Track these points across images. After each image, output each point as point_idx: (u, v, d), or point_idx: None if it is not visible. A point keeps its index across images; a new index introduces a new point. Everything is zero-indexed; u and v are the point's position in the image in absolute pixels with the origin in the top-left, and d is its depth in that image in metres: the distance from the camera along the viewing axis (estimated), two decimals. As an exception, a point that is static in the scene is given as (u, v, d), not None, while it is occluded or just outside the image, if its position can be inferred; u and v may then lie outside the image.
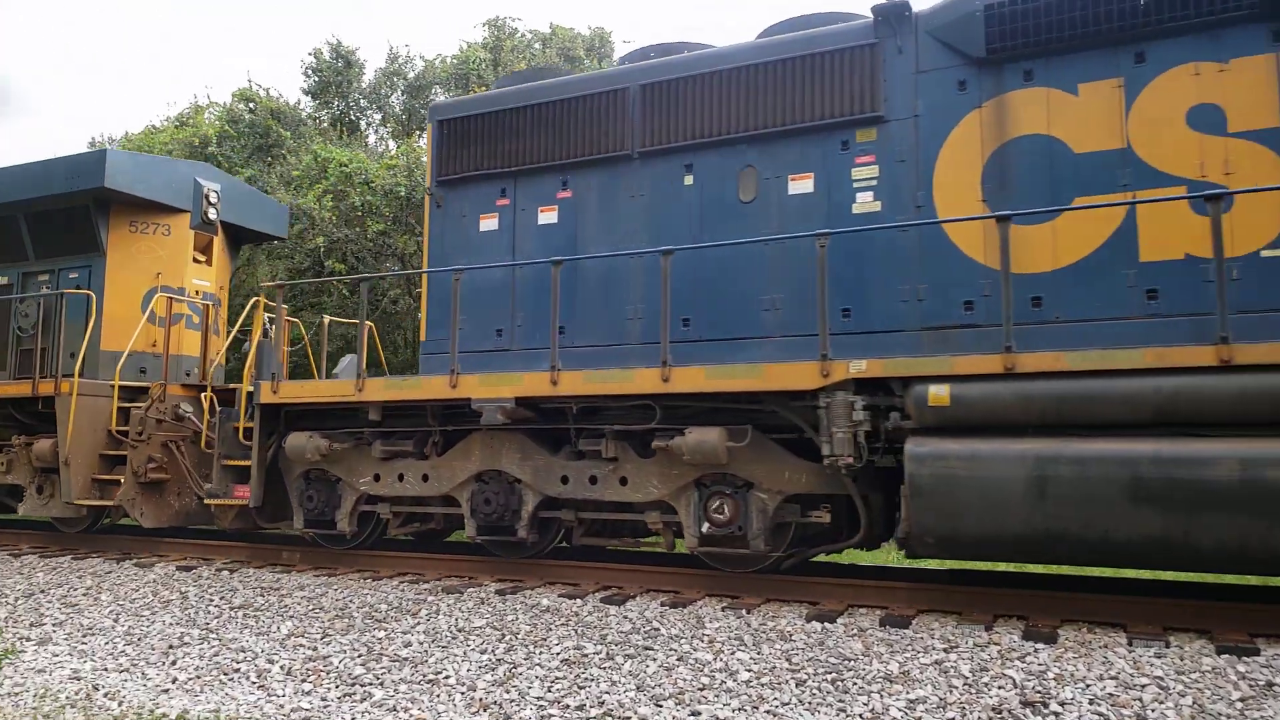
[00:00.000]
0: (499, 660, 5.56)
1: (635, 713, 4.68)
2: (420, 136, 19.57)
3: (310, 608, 7.00)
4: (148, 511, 9.49)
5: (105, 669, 6.23)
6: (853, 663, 5.04)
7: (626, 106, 7.76)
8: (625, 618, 6.09)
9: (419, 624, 6.38)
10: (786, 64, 7.15)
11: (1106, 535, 5.40)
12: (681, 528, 6.94)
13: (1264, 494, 5.00)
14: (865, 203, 6.81)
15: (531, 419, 7.43)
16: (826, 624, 5.75)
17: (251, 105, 20.99)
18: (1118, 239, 6.00)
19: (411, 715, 4.99)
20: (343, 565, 8.28)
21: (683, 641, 5.58)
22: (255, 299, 9.26)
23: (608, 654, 5.48)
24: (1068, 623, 5.69)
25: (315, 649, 6.11)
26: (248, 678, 5.76)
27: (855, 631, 5.60)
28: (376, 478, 8.10)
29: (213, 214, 11.17)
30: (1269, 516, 5.00)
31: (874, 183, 6.80)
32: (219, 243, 11.45)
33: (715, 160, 7.41)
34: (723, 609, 6.24)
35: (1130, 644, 5.15)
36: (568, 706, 4.84)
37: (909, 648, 5.23)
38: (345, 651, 6.00)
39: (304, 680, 5.62)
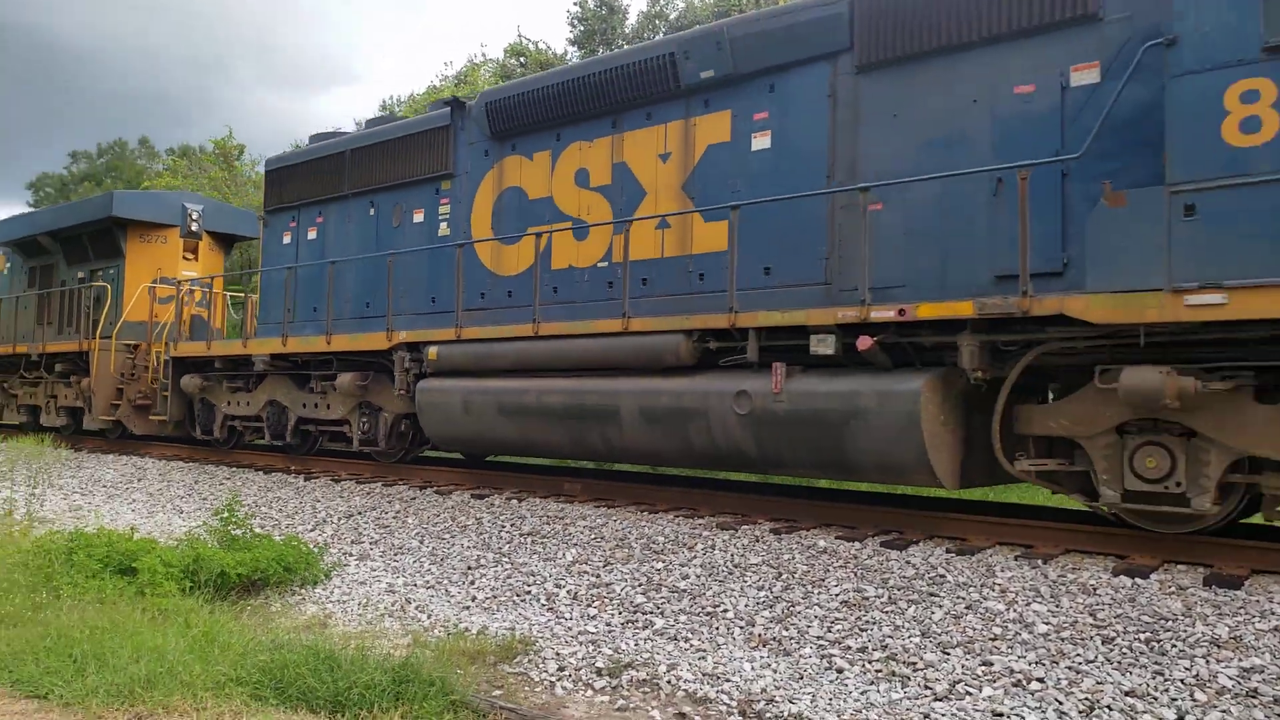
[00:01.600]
0: (776, 598, 5.58)
1: (921, 658, 4.58)
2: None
3: (592, 537, 7.22)
4: (138, 425, 14.93)
5: (415, 585, 6.63)
6: (1171, 623, 4.65)
7: (345, 163, 11.90)
8: (908, 563, 5.91)
9: (695, 558, 6.45)
10: (412, 138, 11.02)
11: (498, 435, 9.19)
12: (380, 434, 11.15)
13: (543, 410, 8.61)
14: (444, 230, 10.63)
15: (288, 367, 11.92)
16: (1138, 579, 5.31)
17: (522, 59, 21.48)
18: (543, 256, 9.50)
19: (692, 645, 5.07)
20: (621, 498, 8.66)
21: (971, 589, 5.35)
22: (182, 285, 14.31)
23: (889, 598, 5.35)
24: None
25: (598, 576, 6.32)
26: (538, 600, 6.03)
27: (1173, 589, 5.10)
28: (229, 403, 12.93)
29: (195, 226, 16.35)
30: (553, 424, 8.62)
31: (448, 217, 10.60)
32: (204, 245, 16.67)
33: (383, 199, 11.43)
34: (1015, 558, 5.90)
35: None
36: (849, 648, 4.81)
37: (1241, 611, 4.73)
38: (626, 580, 6.17)
39: (589, 605, 5.82)
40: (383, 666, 4.51)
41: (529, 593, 6.17)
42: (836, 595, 5.51)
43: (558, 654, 5.09)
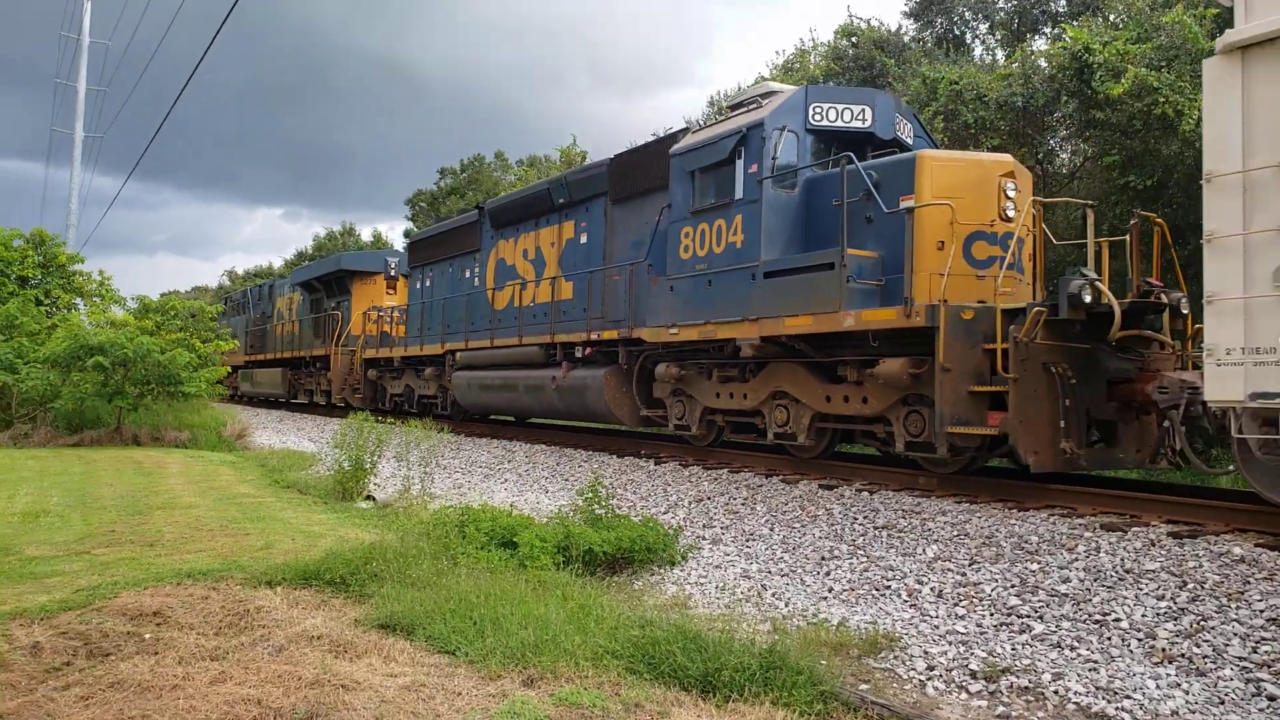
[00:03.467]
0: (1181, 610, 5.14)
1: None
2: (1032, 40, 19.06)
3: (954, 533, 6.93)
4: (353, 401, 23.80)
5: (768, 572, 6.70)
6: None
7: (440, 242, 19.58)
8: None
9: (1076, 560, 6.06)
10: (463, 227, 18.42)
11: (481, 401, 16.36)
12: (447, 403, 18.73)
13: (495, 386, 15.63)
14: (475, 283, 17.89)
15: (412, 364, 19.89)
16: None
17: (854, 39, 20.92)
18: (511, 300, 16.41)
19: (1079, 655, 4.78)
20: (985, 494, 8.29)
21: None
22: (365, 311, 22.90)
23: (1337, 620, 4.70)
24: None
25: (964, 575, 6.07)
26: (898, 595, 5.89)
27: None
28: (389, 387, 21.24)
29: (393, 271, 25.15)
30: (499, 394, 15.63)
31: (480, 273, 17.86)
32: (401, 283, 25.41)
33: (455, 263, 18.92)
34: None
35: None
36: (1283, 674, 4.26)
37: None
38: (996, 580, 5.90)
39: (956, 604, 5.59)
40: (749, 650, 4.54)
41: (888, 587, 6.09)
42: (1261, 612, 5.00)
43: (926, 652, 4.98)
